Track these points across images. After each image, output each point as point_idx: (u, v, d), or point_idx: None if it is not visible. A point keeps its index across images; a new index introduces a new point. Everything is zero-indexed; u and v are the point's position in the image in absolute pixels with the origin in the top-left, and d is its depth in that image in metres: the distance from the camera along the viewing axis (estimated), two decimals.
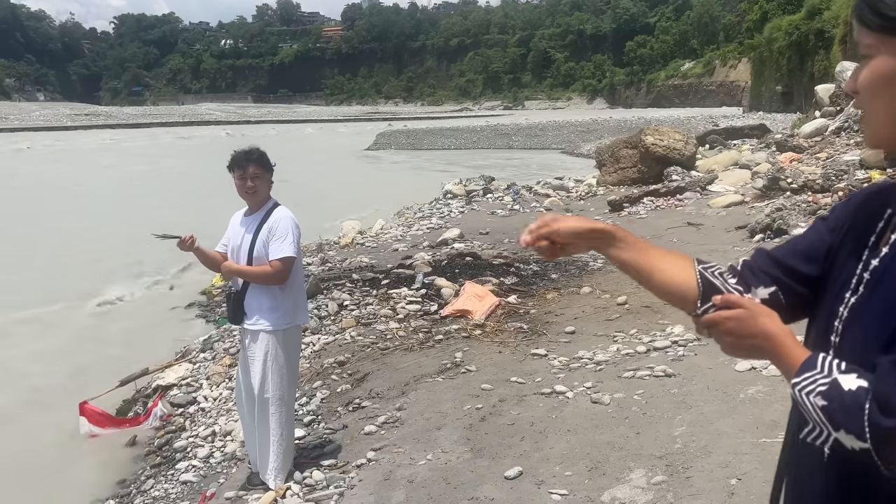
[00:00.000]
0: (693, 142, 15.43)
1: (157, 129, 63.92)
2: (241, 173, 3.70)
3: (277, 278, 3.62)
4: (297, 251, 3.66)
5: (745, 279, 1.15)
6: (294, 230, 3.67)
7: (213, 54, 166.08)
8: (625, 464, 3.25)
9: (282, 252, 3.59)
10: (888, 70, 0.94)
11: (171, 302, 9.07)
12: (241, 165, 3.70)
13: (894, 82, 0.93)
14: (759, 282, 1.14)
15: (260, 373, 3.68)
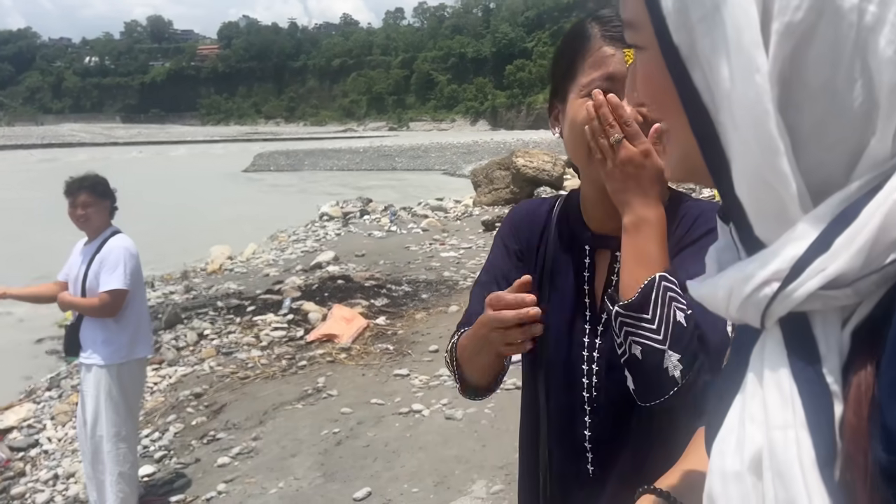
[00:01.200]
0: (561, 163, 16.21)
1: (11, 152, 59.25)
2: (73, 201, 3.56)
3: (106, 311, 3.48)
4: (127, 283, 3.51)
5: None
6: (128, 261, 3.53)
7: (76, 72, 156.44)
8: (469, 476, 3.37)
9: (110, 284, 3.46)
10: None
11: (19, 336, 8.42)
12: (71, 193, 3.56)
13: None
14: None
15: (93, 409, 3.52)
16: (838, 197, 0.40)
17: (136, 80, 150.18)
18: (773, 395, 0.41)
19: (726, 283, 0.45)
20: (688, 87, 0.44)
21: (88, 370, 3.59)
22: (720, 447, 0.44)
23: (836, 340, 0.40)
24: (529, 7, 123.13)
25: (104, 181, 3.69)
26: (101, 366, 3.54)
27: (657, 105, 0.50)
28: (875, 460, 0.37)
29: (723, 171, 0.44)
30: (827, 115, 0.41)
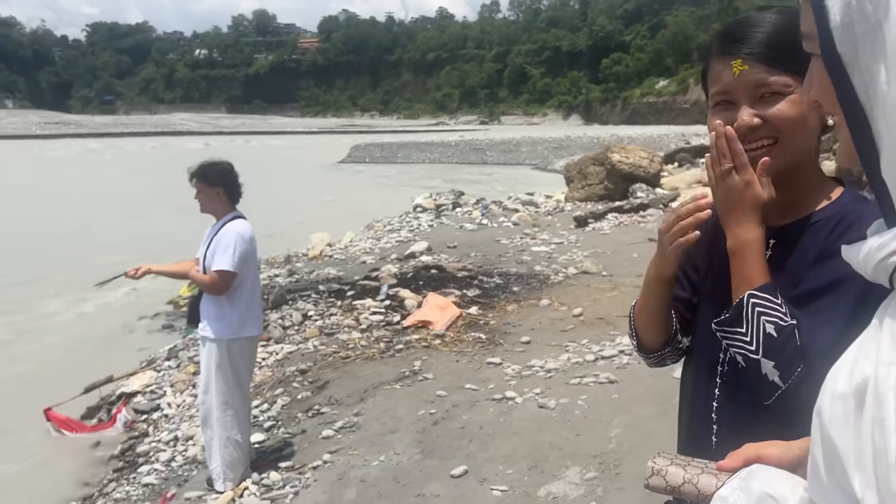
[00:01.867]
0: (658, 159, 15.88)
1: (130, 139, 63.41)
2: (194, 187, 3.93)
3: (216, 289, 3.79)
4: (235, 265, 3.78)
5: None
6: (239, 244, 3.80)
7: (186, 64, 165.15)
8: (562, 462, 3.48)
9: (219, 265, 3.76)
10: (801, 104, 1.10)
11: (138, 311, 9.14)
12: (190, 181, 3.92)
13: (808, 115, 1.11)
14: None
15: (205, 378, 3.86)
16: None
17: (241, 72, 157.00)
18: (886, 339, 0.53)
19: (866, 248, 0.57)
20: (846, 87, 0.55)
21: (203, 342, 3.94)
22: (835, 374, 0.57)
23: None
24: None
25: (215, 169, 3.96)
26: (213, 339, 3.87)
27: (826, 103, 0.61)
28: None
29: (872, 158, 0.55)
30: None
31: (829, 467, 0.56)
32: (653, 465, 0.87)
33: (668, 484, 0.85)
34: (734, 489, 0.76)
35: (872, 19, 0.52)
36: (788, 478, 0.74)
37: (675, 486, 0.85)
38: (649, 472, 0.87)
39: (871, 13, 0.52)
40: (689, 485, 0.83)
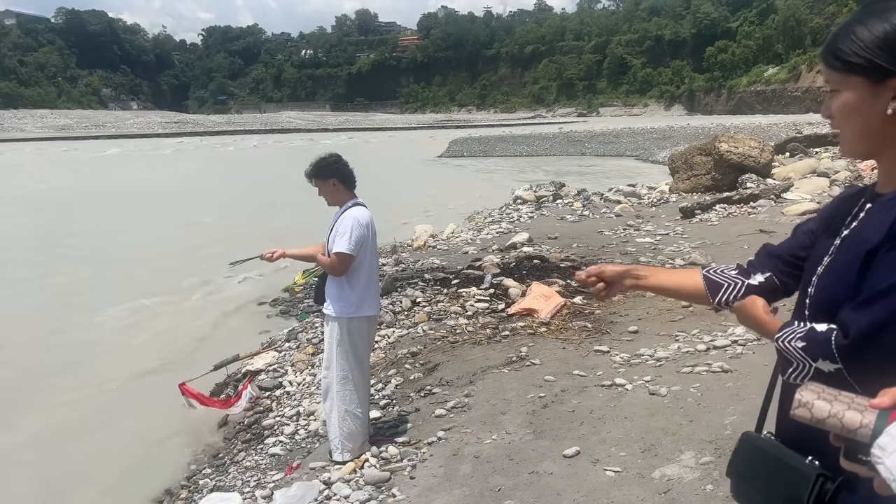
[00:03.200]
0: (769, 149, 15.16)
1: (243, 136, 66.78)
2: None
3: (336, 270, 4.05)
4: (351, 248, 4.01)
5: (746, 271, 1.53)
6: (356, 229, 4.04)
7: (293, 64, 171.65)
8: (676, 447, 3.48)
9: (337, 247, 4.01)
10: (852, 101, 1.22)
11: (259, 297, 9.72)
12: (308, 178, 4.19)
13: (860, 107, 1.22)
14: (756, 271, 1.51)
15: (327, 353, 4.13)
16: None
17: (345, 70, 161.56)
18: None
19: None
20: None
21: (326, 320, 4.22)
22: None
23: None
24: None
25: (325, 163, 4.20)
26: (334, 317, 4.13)
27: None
28: None
29: None
30: None
31: None
32: (800, 398, 0.93)
33: (813, 416, 0.91)
34: (893, 438, 0.81)
35: None
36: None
37: (820, 419, 0.90)
38: (796, 404, 0.93)
39: None
40: (835, 419, 0.89)
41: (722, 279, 1.53)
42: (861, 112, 1.21)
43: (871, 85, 1.19)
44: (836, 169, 13.30)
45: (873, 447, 0.83)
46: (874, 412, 0.86)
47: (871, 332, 1.12)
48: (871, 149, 1.26)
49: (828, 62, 1.25)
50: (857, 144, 1.27)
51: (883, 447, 0.81)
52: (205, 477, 4.83)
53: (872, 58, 1.17)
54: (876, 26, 1.18)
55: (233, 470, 4.80)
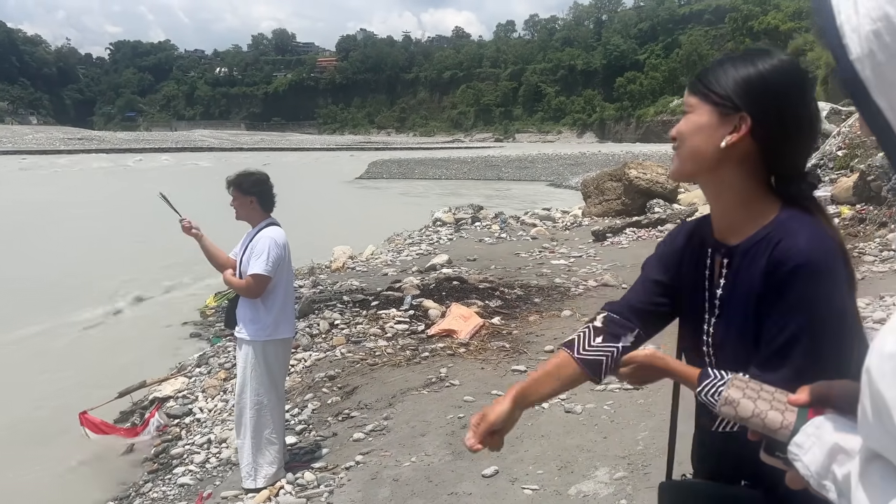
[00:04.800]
0: None
1: (153, 154, 64.34)
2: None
3: (250, 292, 3.95)
4: (269, 269, 3.92)
5: (612, 334, 1.49)
6: (273, 249, 3.95)
7: (207, 82, 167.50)
8: (591, 463, 3.57)
9: (253, 269, 3.92)
10: (700, 123, 1.31)
11: (166, 320, 9.33)
12: (227, 189, 4.09)
13: (702, 132, 1.30)
14: (624, 331, 1.49)
15: (240, 378, 4.01)
16: None
17: (261, 89, 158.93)
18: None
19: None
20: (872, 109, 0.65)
21: (239, 344, 4.09)
22: (882, 337, 0.67)
23: None
24: (643, 19, 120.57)
25: (249, 179, 4.11)
26: (248, 341, 4.02)
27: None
28: None
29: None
30: None
31: (877, 417, 0.67)
32: (726, 395, 0.97)
33: (738, 414, 0.95)
34: (809, 436, 0.86)
35: (892, 47, 0.62)
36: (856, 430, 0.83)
37: (744, 417, 0.94)
38: (723, 401, 0.97)
39: (890, 42, 0.63)
40: (757, 418, 0.93)
41: (597, 355, 1.47)
42: (702, 136, 1.30)
43: (719, 116, 1.28)
44: None
45: (790, 445, 0.87)
46: (794, 412, 0.91)
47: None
48: (696, 172, 1.34)
49: (692, 86, 1.34)
50: (687, 164, 1.34)
51: (800, 445, 0.85)
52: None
53: (728, 91, 1.27)
54: (741, 67, 1.27)
55: (138, 501, 4.57)
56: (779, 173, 1.28)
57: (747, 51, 1.33)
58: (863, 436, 0.73)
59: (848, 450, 0.78)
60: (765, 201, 1.30)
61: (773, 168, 1.28)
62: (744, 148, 1.26)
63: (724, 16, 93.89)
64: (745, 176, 1.29)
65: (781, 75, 1.25)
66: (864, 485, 0.71)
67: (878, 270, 7.29)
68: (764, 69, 1.25)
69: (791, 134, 1.25)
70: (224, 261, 4.14)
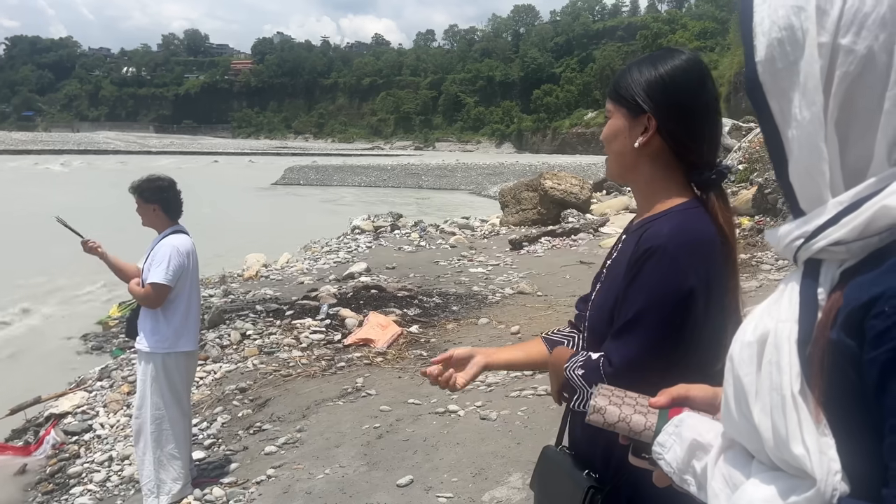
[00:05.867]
0: (588, 186, 16.45)
1: (51, 157, 60.82)
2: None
3: (149, 302, 3.79)
4: (169, 279, 3.77)
5: (574, 324, 1.63)
6: (174, 258, 3.80)
7: (113, 81, 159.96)
8: (505, 469, 3.60)
9: (152, 277, 3.77)
10: (617, 127, 1.40)
11: (65, 331, 8.81)
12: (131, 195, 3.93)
13: (619, 135, 1.39)
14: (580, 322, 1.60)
15: (140, 392, 3.84)
16: (855, 190, 0.66)
17: (171, 91, 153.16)
18: (785, 301, 0.70)
19: (778, 233, 0.72)
20: (764, 109, 0.71)
21: (140, 356, 3.91)
22: (744, 327, 0.73)
23: (830, 276, 0.69)
24: (559, 33, 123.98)
25: (152, 186, 3.95)
26: (148, 352, 3.85)
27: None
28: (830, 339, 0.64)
29: (782, 166, 0.71)
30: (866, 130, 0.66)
31: (736, 401, 0.72)
32: (594, 404, 1.00)
33: (605, 421, 0.98)
34: (669, 435, 0.90)
35: (791, 56, 0.68)
36: (713, 426, 0.87)
37: (611, 423, 0.98)
38: (591, 410, 1.00)
39: (790, 52, 0.68)
40: (623, 423, 0.96)
41: (559, 338, 1.61)
42: (619, 139, 1.40)
43: (631, 118, 1.37)
44: None
45: (654, 445, 0.90)
46: (655, 413, 0.94)
47: (631, 361, 1.28)
48: (622, 173, 1.44)
49: (609, 92, 1.44)
50: (613, 166, 1.45)
51: (662, 444, 0.89)
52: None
53: (634, 95, 1.36)
54: (645, 71, 1.37)
55: None
56: (689, 164, 1.36)
57: (652, 54, 1.42)
58: (724, 423, 0.78)
59: (705, 444, 0.83)
60: (672, 192, 1.37)
61: (683, 160, 1.36)
62: (655, 145, 1.35)
63: (635, 32, 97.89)
64: (659, 169, 1.38)
65: (680, 73, 1.35)
66: (717, 474, 0.77)
67: (773, 279, 7.74)
68: (664, 70, 1.35)
69: (694, 127, 1.34)
70: (132, 272, 3.96)
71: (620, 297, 1.32)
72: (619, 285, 1.34)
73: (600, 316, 1.39)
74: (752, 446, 0.72)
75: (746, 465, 0.73)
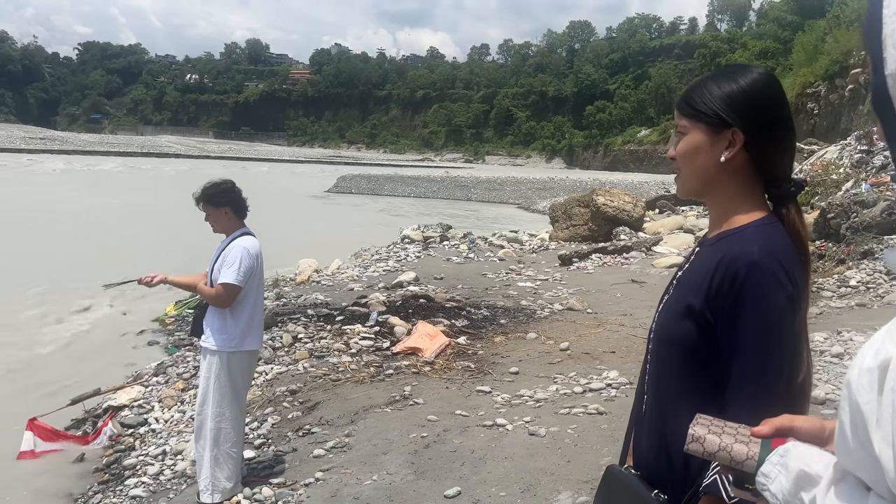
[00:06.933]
0: (642, 205, 16.21)
1: (116, 158, 63.11)
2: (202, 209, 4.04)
3: (219, 302, 3.88)
4: (240, 280, 3.87)
5: None
6: (245, 259, 3.90)
7: (177, 87, 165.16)
8: (554, 486, 3.56)
9: (224, 278, 3.86)
10: (696, 143, 1.37)
11: (124, 328, 9.10)
12: (197, 203, 4.02)
13: (700, 151, 1.37)
14: None
15: (203, 389, 3.91)
16: None
17: (231, 98, 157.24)
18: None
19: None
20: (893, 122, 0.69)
21: (205, 353, 4.00)
22: (863, 353, 0.70)
23: None
24: (614, 50, 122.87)
25: (219, 190, 4.06)
26: (214, 351, 3.94)
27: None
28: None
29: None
30: None
31: (854, 429, 0.69)
32: (692, 433, 0.98)
33: (705, 450, 0.96)
34: (774, 465, 0.87)
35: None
36: (822, 456, 0.84)
37: (711, 452, 0.96)
38: (689, 439, 0.98)
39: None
40: (724, 452, 0.95)
41: None
42: (700, 155, 1.37)
43: (712, 133, 1.35)
44: (700, 226, 14.39)
45: (758, 475, 0.88)
46: (758, 443, 0.92)
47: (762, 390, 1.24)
48: (701, 189, 1.41)
49: (680, 108, 1.41)
50: (689, 182, 1.42)
51: (766, 475, 0.87)
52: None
53: (717, 110, 1.34)
54: (724, 85, 1.36)
55: None
56: (769, 177, 1.35)
57: (724, 68, 1.41)
58: (838, 453, 0.74)
59: (813, 475, 0.80)
60: (751, 206, 1.35)
61: (764, 173, 1.35)
62: (739, 159, 1.33)
63: (693, 51, 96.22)
64: (740, 183, 1.36)
65: (762, 86, 1.34)
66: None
67: (835, 306, 7.48)
68: (745, 84, 1.34)
69: (778, 140, 1.34)
70: (195, 280, 4.08)
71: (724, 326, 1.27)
72: (693, 296, 1.32)
73: (669, 321, 1.37)
74: (869, 477, 0.69)
75: (862, 497, 0.70)
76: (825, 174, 13.09)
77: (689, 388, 1.31)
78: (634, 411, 1.55)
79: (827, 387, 4.71)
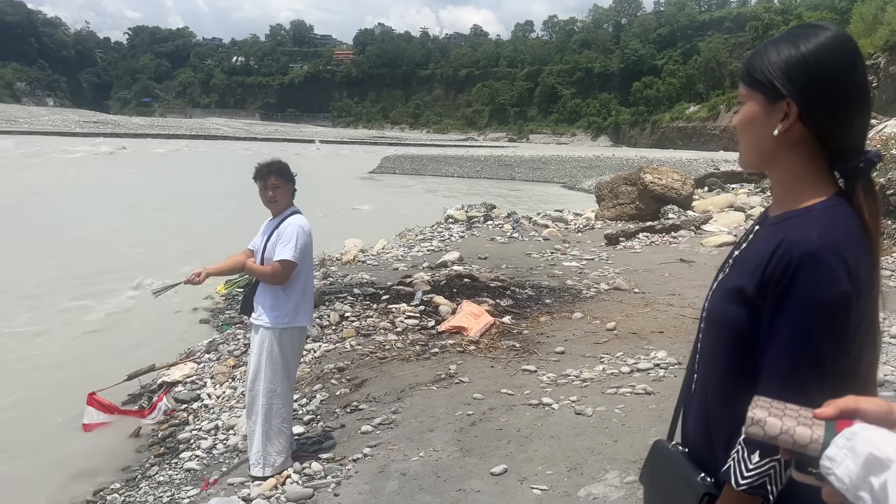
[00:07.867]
0: (691, 182, 15.84)
1: (165, 140, 64.61)
2: (263, 184, 4.07)
3: (276, 279, 3.94)
4: (296, 256, 3.94)
5: None
6: (301, 236, 3.97)
7: (223, 70, 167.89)
8: (602, 466, 3.54)
9: (281, 255, 3.92)
10: (752, 113, 1.29)
11: (176, 306, 9.34)
12: (262, 177, 4.06)
13: (756, 122, 1.29)
14: None
15: (255, 365, 3.99)
16: None
17: (276, 80, 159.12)
18: None
19: None
20: None
21: (256, 330, 4.08)
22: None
23: None
24: (662, 24, 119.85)
25: (287, 166, 4.18)
26: (267, 328, 4.01)
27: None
28: None
29: None
30: None
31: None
32: (752, 416, 0.95)
33: (766, 433, 0.93)
34: (840, 448, 0.83)
35: None
36: (893, 439, 0.80)
37: (772, 436, 0.92)
38: (749, 422, 0.95)
39: None
40: (786, 435, 0.91)
41: None
42: (755, 126, 1.29)
43: (767, 103, 1.26)
44: (751, 204, 14.01)
45: (822, 459, 0.85)
46: (821, 426, 0.89)
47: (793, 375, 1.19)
48: (759, 163, 1.33)
49: (742, 75, 1.32)
50: (747, 155, 1.34)
51: (832, 458, 0.83)
52: (113, 492, 4.57)
53: (772, 78, 1.25)
54: (784, 50, 1.25)
55: (144, 485, 4.57)
56: (835, 152, 1.25)
57: (792, 30, 1.30)
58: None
59: (883, 459, 0.77)
60: (816, 184, 1.26)
61: (829, 148, 1.25)
62: (796, 132, 1.24)
63: (744, 24, 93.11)
64: (801, 159, 1.27)
65: (825, 52, 1.22)
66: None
67: (893, 285, 7.21)
68: (807, 49, 1.23)
69: (842, 113, 1.22)
70: (238, 261, 4.15)
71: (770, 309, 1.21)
72: (747, 279, 1.25)
73: (721, 302, 1.31)
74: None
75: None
76: (885, 149, 12.56)
77: (737, 371, 1.26)
78: (684, 389, 1.51)
79: (886, 368, 4.56)
